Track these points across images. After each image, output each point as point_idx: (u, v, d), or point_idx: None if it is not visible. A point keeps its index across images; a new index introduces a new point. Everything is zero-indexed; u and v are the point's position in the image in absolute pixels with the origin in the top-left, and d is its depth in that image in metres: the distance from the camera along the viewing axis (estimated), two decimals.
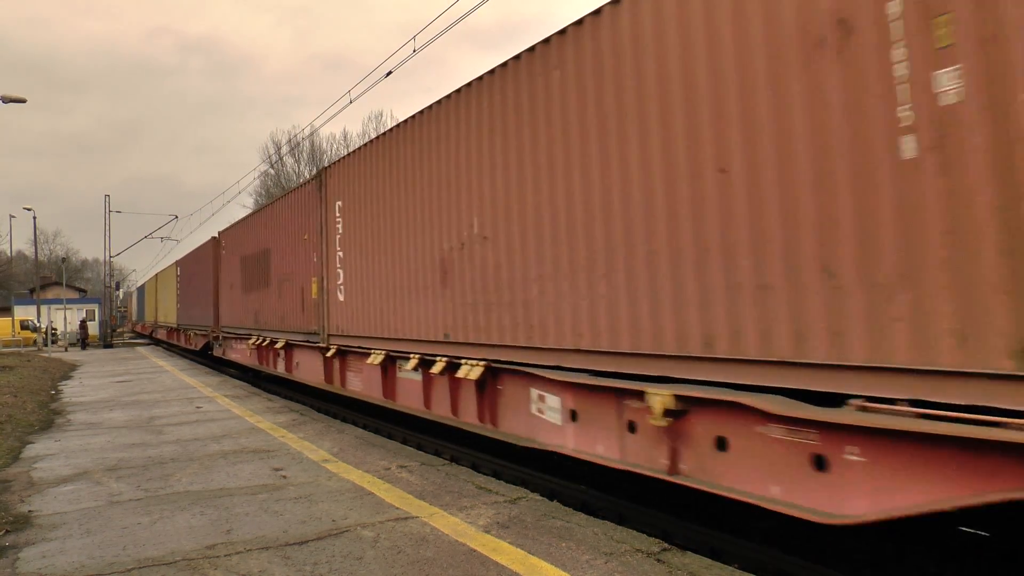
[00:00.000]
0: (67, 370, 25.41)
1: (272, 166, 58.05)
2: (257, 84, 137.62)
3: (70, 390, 18.36)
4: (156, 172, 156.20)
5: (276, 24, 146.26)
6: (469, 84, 8.03)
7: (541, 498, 6.65)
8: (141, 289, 56.49)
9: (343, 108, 26.36)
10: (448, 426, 9.01)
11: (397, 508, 6.30)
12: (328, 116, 52.92)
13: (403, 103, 72.88)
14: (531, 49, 7.01)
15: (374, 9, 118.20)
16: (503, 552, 5.07)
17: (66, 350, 42.35)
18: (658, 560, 4.82)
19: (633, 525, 6.31)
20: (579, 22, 6.34)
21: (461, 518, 5.93)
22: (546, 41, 6.78)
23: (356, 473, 7.72)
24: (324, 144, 57.94)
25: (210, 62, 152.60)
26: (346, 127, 71.12)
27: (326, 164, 12.63)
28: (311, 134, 55.99)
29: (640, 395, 5.50)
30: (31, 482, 7.88)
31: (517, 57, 7.21)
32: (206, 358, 27.37)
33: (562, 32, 6.58)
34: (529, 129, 6.97)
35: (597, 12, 6.11)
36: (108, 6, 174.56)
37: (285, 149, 57.41)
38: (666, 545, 5.18)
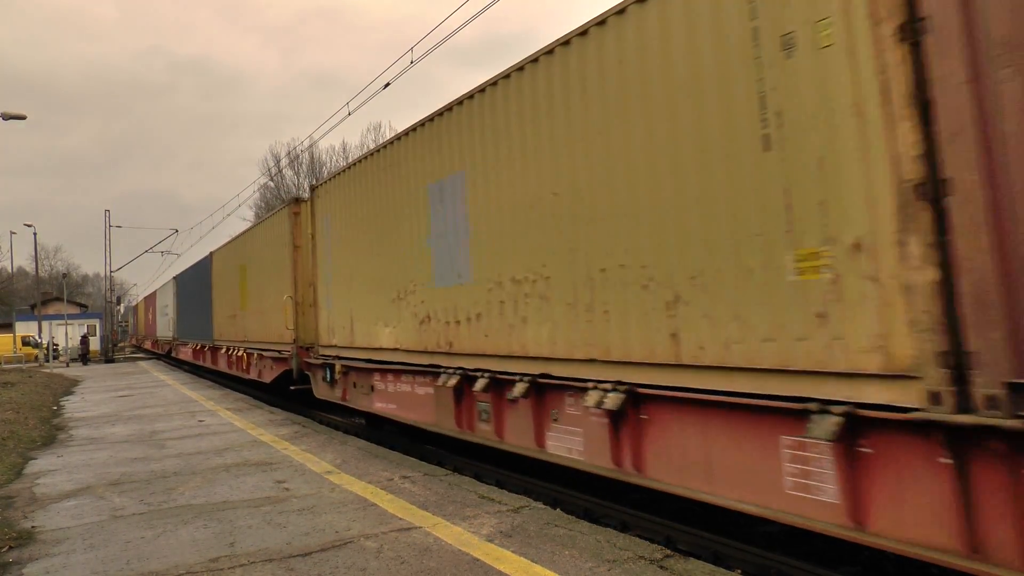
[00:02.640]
0: (69, 385, 25.41)
1: (272, 179, 58.19)
2: (248, 102, 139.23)
3: (72, 405, 18.36)
4: (152, 188, 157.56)
5: (263, 44, 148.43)
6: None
7: (544, 507, 6.66)
8: (199, 270, 26.26)
9: (342, 120, 26.47)
10: (447, 436, 9.01)
11: (400, 519, 6.30)
12: (327, 128, 53.11)
13: (401, 114, 73.37)
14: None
15: (356, 29, 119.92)
16: (506, 561, 5.07)
17: (67, 365, 42.34)
18: (661, 567, 4.82)
19: (636, 532, 6.31)
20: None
21: (464, 528, 5.93)
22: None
23: (359, 484, 7.72)
24: (323, 156, 58.13)
25: (201, 81, 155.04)
26: (345, 138, 71.34)
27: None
28: (310, 146, 56.14)
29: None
30: (34, 498, 7.89)
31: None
32: None
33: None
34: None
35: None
36: (101, 29, 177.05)
37: (285, 162, 57.55)
38: (669, 552, 5.18)
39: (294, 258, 14.08)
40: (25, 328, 53.64)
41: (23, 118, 27.25)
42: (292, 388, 14.19)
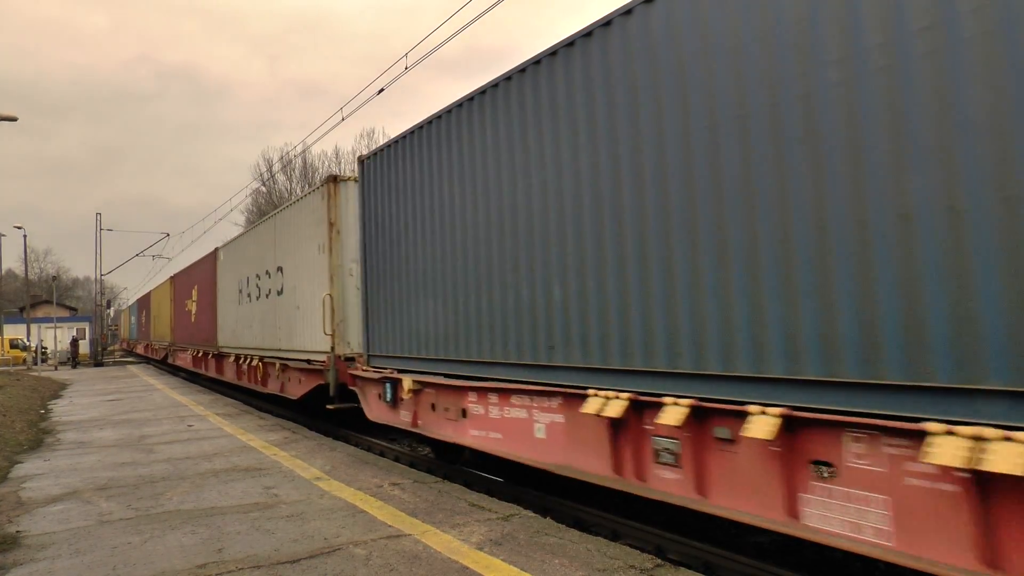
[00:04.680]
0: (57, 389, 25.23)
1: (264, 184, 58.07)
2: (235, 110, 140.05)
3: (60, 409, 18.23)
4: (141, 193, 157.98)
5: (249, 53, 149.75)
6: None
7: (534, 515, 6.63)
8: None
9: (335, 125, 26.45)
10: (440, 443, 8.99)
11: (390, 526, 6.27)
12: (320, 134, 53.15)
13: (393, 120, 73.66)
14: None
15: (340, 41, 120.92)
16: (496, 569, 5.05)
17: (56, 369, 42.05)
18: None
19: (627, 541, 6.30)
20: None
21: (454, 535, 5.90)
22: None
23: (348, 491, 7.68)
24: (316, 162, 58.05)
25: (188, 89, 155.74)
26: (338, 144, 71.36)
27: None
28: (303, 151, 56.05)
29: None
30: (20, 502, 7.81)
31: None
32: None
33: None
34: None
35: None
36: (87, 36, 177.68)
37: (277, 167, 57.45)
38: (659, 561, 5.17)
39: None
40: (14, 331, 53.30)
41: (14, 119, 27.14)
42: None
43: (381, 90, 15.17)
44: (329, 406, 11.70)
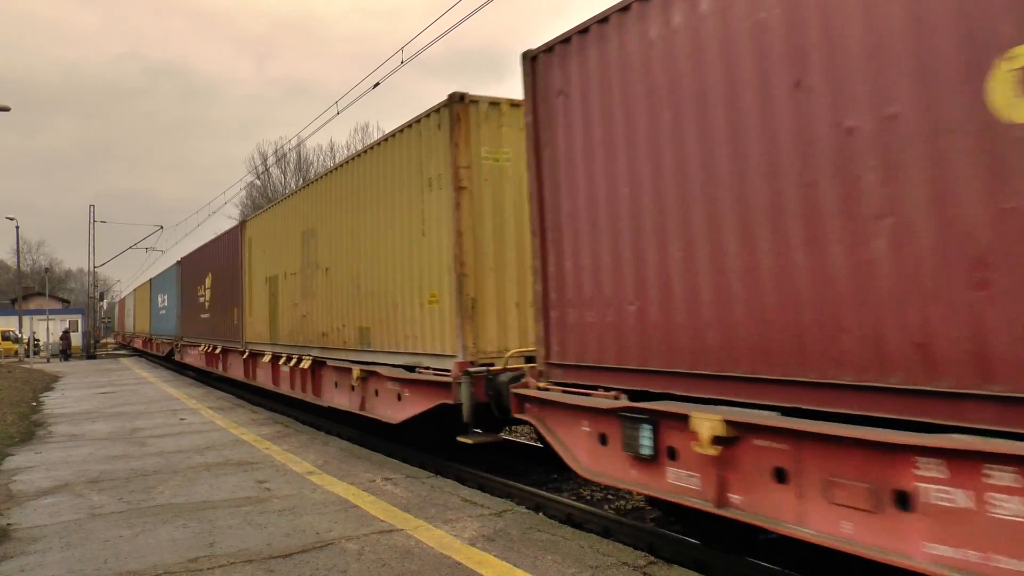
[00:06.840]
0: (49, 381, 25.14)
1: (258, 177, 57.88)
2: (223, 107, 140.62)
3: (52, 402, 18.16)
4: (131, 187, 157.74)
5: (237, 52, 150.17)
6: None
7: (527, 511, 6.64)
8: None
9: (330, 119, 26.41)
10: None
11: (382, 521, 6.26)
12: (314, 128, 53.08)
13: (387, 117, 73.70)
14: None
15: (327, 40, 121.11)
16: (488, 565, 5.05)
17: (48, 361, 41.91)
18: (644, 573, 4.82)
19: (619, 538, 6.30)
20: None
21: (446, 531, 5.90)
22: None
23: (341, 486, 7.67)
24: (311, 155, 57.92)
25: (177, 86, 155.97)
26: (332, 138, 71.23)
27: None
28: (297, 145, 55.92)
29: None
30: (10, 495, 7.78)
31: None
32: None
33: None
34: None
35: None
36: (76, 33, 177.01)
37: (271, 160, 57.29)
38: (652, 558, 5.18)
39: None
40: (5, 323, 53.06)
41: (7, 110, 27.04)
42: None
43: (376, 84, 15.14)
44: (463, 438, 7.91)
